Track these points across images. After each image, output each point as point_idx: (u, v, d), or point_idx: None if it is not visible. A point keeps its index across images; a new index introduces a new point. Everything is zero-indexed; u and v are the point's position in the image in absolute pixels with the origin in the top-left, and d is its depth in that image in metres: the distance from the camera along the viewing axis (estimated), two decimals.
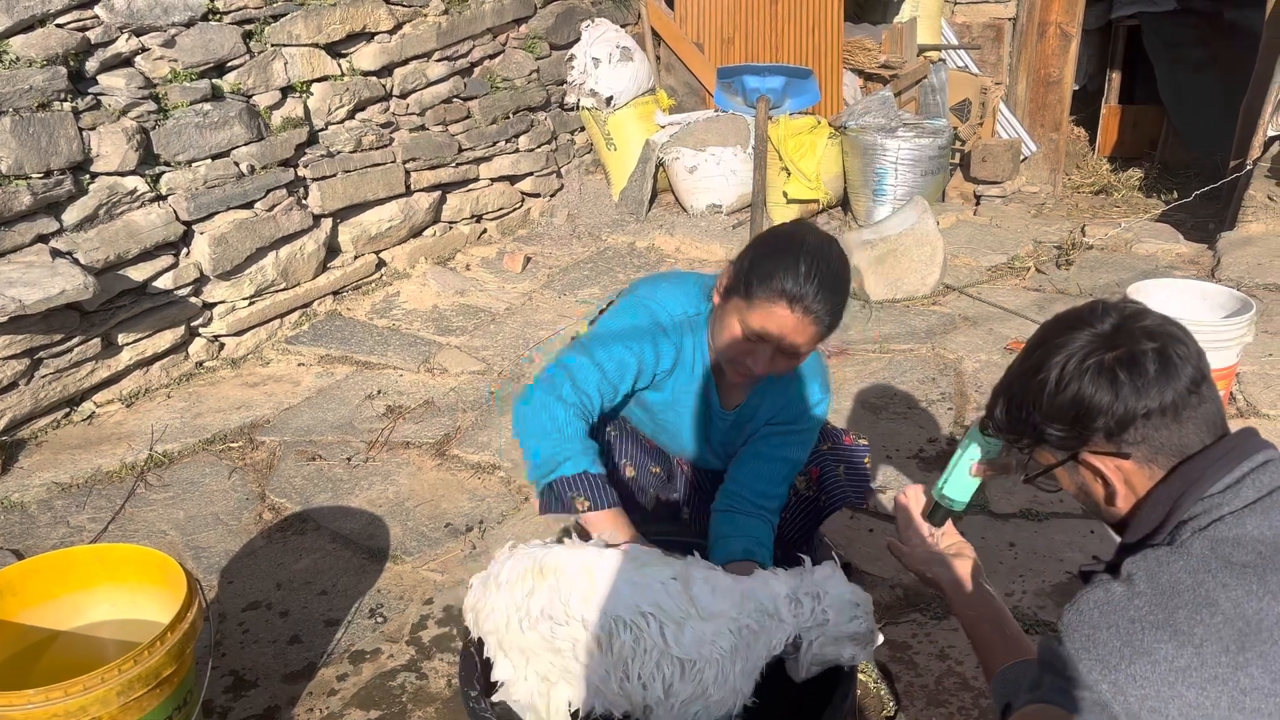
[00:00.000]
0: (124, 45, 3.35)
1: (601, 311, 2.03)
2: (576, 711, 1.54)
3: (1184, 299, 3.11)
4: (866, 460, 2.17)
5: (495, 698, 1.58)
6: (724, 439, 2.07)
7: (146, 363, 3.57)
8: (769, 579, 1.60)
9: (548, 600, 1.54)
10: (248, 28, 3.77)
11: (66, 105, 3.17)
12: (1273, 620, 1.04)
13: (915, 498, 1.65)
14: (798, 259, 1.71)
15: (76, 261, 3.16)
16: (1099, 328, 1.26)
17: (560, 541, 1.66)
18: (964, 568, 1.55)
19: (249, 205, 3.79)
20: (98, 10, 3.27)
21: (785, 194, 5.30)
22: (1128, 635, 1.09)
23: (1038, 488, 1.39)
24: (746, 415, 2.01)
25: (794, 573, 1.62)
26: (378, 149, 4.35)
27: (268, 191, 3.84)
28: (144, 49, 3.42)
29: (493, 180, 5.08)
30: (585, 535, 1.77)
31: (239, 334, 3.90)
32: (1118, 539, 1.34)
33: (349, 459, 3.15)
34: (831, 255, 1.76)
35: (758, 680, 1.55)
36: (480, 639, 1.62)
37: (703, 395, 1.99)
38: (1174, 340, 1.22)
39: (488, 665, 1.61)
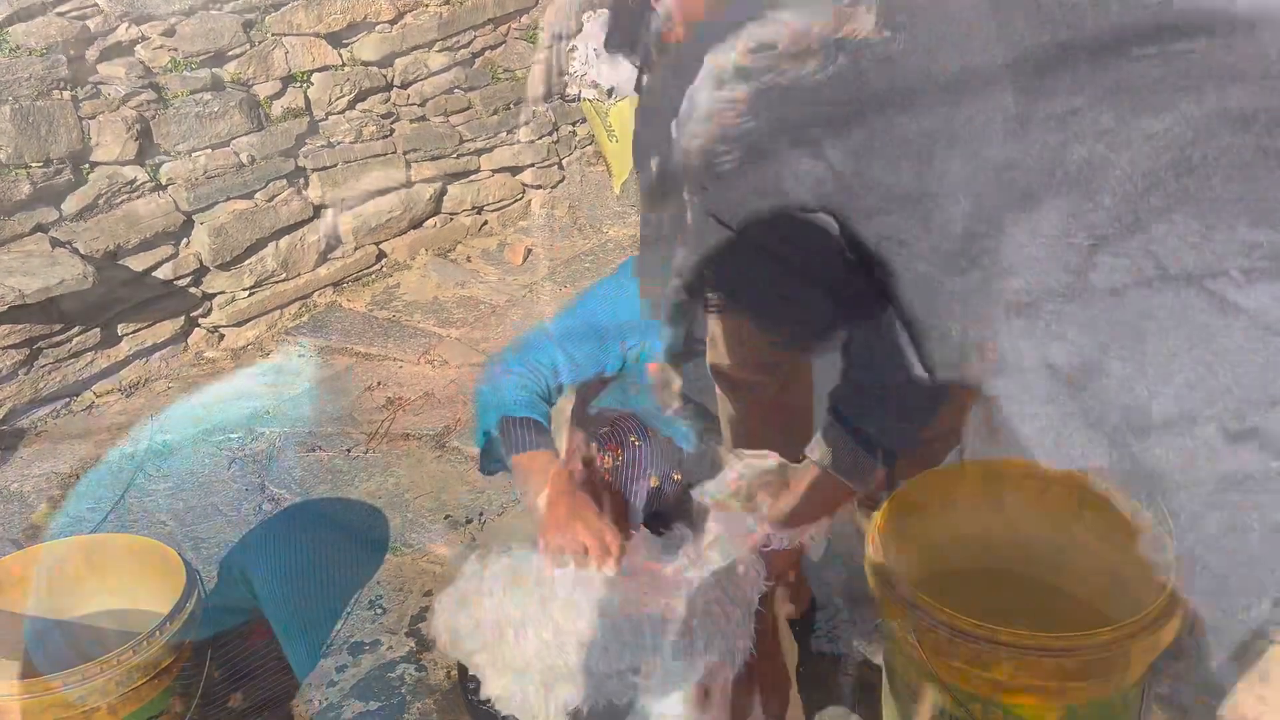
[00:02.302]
0: (124, 34, 3.34)
1: None
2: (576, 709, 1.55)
3: None
4: None
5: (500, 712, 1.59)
6: None
7: (146, 353, 3.57)
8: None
9: (540, 608, 1.54)
10: (248, 16, 3.75)
11: (66, 94, 3.15)
12: None
13: None
14: None
15: (76, 251, 3.16)
16: None
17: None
18: None
19: (249, 196, 3.78)
20: None
21: None
22: None
23: None
24: None
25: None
26: (378, 140, 4.34)
27: (268, 182, 3.82)
28: (144, 38, 3.41)
29: (494, 171, 5.06)
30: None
31: (239, 325, 3.89)
32: None
33: (349, 450, 3.15)
34: None
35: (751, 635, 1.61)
36: (460, 658, 1.61)
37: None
38: None
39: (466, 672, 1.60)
